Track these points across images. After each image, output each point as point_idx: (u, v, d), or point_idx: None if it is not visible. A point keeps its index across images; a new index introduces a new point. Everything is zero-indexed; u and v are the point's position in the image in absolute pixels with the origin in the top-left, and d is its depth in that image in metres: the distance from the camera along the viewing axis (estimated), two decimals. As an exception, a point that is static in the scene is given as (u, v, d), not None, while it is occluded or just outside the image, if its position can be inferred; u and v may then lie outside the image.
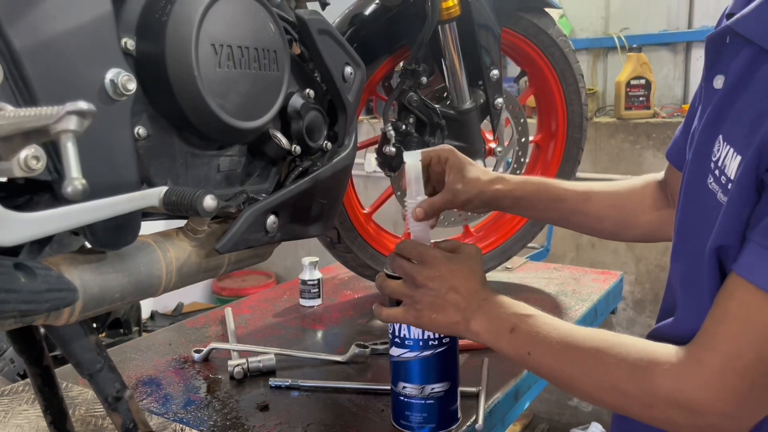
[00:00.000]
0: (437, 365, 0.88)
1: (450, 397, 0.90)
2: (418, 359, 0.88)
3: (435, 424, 0.89)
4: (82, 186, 0.46)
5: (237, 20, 0.75)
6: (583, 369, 0.73)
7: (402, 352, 0.88)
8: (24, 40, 0.58)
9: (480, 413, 0.96)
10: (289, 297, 1.60)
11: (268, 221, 0.84)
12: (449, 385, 0.89)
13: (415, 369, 0.88)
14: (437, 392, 0.88)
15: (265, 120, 0.80)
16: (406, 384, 0.89)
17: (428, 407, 0.88)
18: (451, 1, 1.27)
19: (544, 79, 1.54)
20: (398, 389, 0.90)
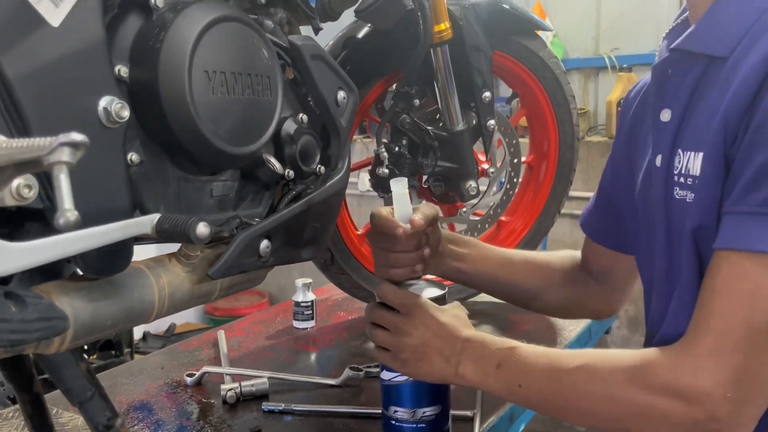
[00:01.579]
0: (428, 388, 0.88)
1: (441, 420, 0.89)
2: (408, 383, 0.87)
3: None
4: (74, 218, 0.46)
5: (230, 47, 0.75)
6: (576, 386, 0.73)
7: (393, 375, 0.88)
8: (16, 68, 0.58)
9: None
10: (282, 319, 1.59)
11: (262, 246, 0.84)
12: (440, 408, 0.89)
13: (406, 392, 0.88)
14: (428, 416, 0.88)
15: (258, 145, 0.80)
16: (397, 408, 0.88)
17: (420, 431, 0.88)
18: (443, 24, 1.28)
19: (536, 101, 1.55)
20: (389, 413, 0.89)
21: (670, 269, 0.76)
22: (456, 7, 1.33)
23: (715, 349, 0.64)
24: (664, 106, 0.76)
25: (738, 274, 0.63)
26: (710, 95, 0.70)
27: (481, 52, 1.37)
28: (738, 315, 0.62)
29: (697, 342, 0.65)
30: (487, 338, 0.82)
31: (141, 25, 0.72)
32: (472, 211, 1.53)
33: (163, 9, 0.73)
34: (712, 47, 0.71)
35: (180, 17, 0.71)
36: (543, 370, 0.76)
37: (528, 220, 1.64)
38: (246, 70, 0.77)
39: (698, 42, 0.72)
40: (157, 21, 0.71)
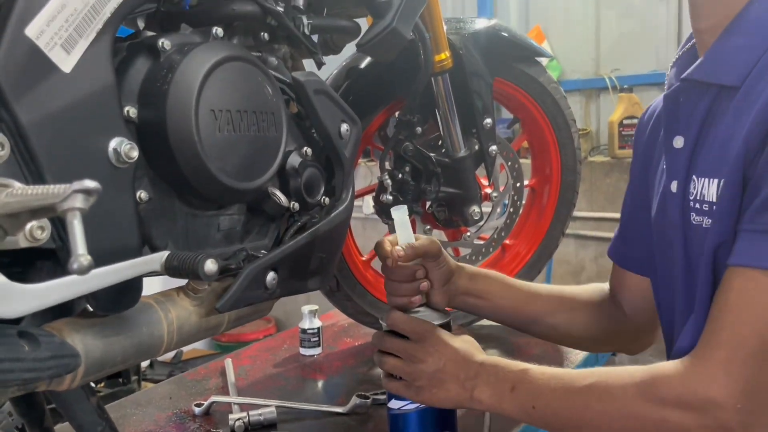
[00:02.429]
0: (437, 415, 0.88)
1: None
2: (418, 410, 0.88)
3: None
4: (87, 262, 0.48)
5: (235, 85, 0.77)
6: (589, 405, 0.74)
7: (402, 404, 0.88)
8: (30, 114, 0.60)
9: None
10: (289, 346, 1.60)
11: (268, 278, 0.85)
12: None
13: (415, 421, 0.88)
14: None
15: (264, 180, 0.82)
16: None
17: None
18: (443, 54, 1.30)
19: (537, 125, 1.57)
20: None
21: (689, 291, 0.77)
22: (456, 36, 1.36)
23: (727, 362, 0.65)
24: (676, 133, 0.79)
25: (751, 289, 0.64)
26: (722, 123, 0.72)
27: (482, 79, 1.39)
28: (750, 328, 0.64)
29: (709, 354, 0.66)
30: (500, 362, 0.83)
31: (149, 67, 0.74)
32: (477, 235, 1.54)
33: (171, 51, 0.75)
34: (724, 77, 0.72)
35: (187, 59, 0.73)
36: (556, 390, 0.77)
37: (532, 243, 1.65)
38: (251, 107, 0.79)
39: (709, 72, 0.74)
40: (164, 63, 0.74)
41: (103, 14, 0.67)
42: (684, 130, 0.77)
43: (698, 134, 0.75)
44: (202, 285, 0.79)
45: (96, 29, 0.66)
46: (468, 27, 1.40)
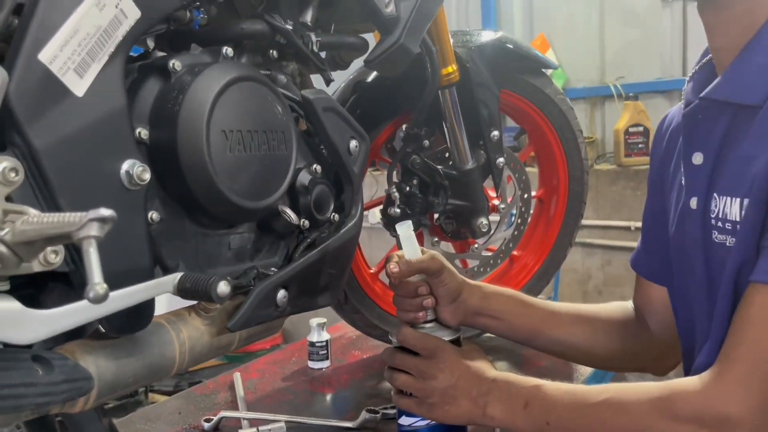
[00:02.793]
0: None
1: None
2: (428, 428, 0.87)
3: None
4: (103, 291, 0.48)
5: (246, 106, 0.78)
6: (604, 421, 0.74)
7: (413, 421, 0.88)
8: (43, 139, 0.61)
9: None
10: (297, 359, 1.59)
11: (279, 296, 0.85)
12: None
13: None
14: None
15: (274, 198, 0.82)
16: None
17: None
18: (450, 67, 1.31)
19: (544, 136, 1.57)
20: None
21: (709, 308, 0.77)
22: (462, 49, 1.36)
23: (745, 378, 0.64)
24: (695, 150, 0.78)
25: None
26: (744, 141, 0.71)
27: (488, 91, 1.39)
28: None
29: (727, 370, 0.66)
30: (512, 377, 0.83)
31: (160, 88, 0.75)
32: (485, 246, 1.53)
33: (181, 72, 0.75)
34: (744, 96, 0.72)
35: (197, 80, 0.74)
36: (569, 406, 0.76)
37: (540, 254, 1.65)
38: (261, 126, 0.79)
39: (728, 92, 0.74)
40: (175, 84, 0.74)
41: (115, 38, 0.67)
42: (703, 147, 0.77)
43: (718, 152, 0.75)
44: (214, 304, 0.79)
45: (108, 52, 0.67)
46: (474, 40, 1.40)
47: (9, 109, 0.58)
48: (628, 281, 2.85)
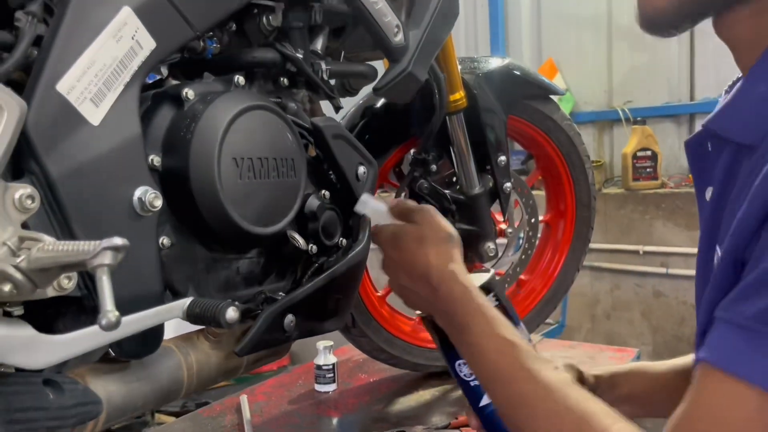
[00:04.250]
0: None
1: None
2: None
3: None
4: (116, 319, 0.49)
5: (256, 133, 0.79)
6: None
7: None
8: (59, 166, 0.62)
9: None
10: (303, 382, 1.59)
11: (286, 321, 0.86)
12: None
13: None
14: None
15: (283, 224, 0.83)
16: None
17: None
18: (458, 94, 1.32)
19: (551, 162, 1.58)
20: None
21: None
22: (470, 75, 1.38)
23: None
24: (707, 184, 0.70)
25: (712, 391, 0.55)
26: (737, 185, 0.62)
27: (496, 117, 1.40)
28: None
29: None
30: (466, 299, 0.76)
31: (173, 116, 0.76)
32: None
33: (194, 100, 0.77)
34: (739, 133, 0.62)
35: (210, 108, 0.75)
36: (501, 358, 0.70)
37: (548, 278, 1.65)
38: (272, 154, 0.80)
39: (725, 125, 0.64)
40: (188, 112, 0.76)
41: (130, 68, 0.69)
42: (713, 181, 0.68)
43: (722, 189, 0.66)
44: (222, 329, 0.80)
45: (124, 82, 0.69)
46: (482, 66, 1.42)
47: (27, 137, 0.60)
48: (637, 305, 2.84)
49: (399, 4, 1.15)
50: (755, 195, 0.55)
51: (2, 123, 0.54)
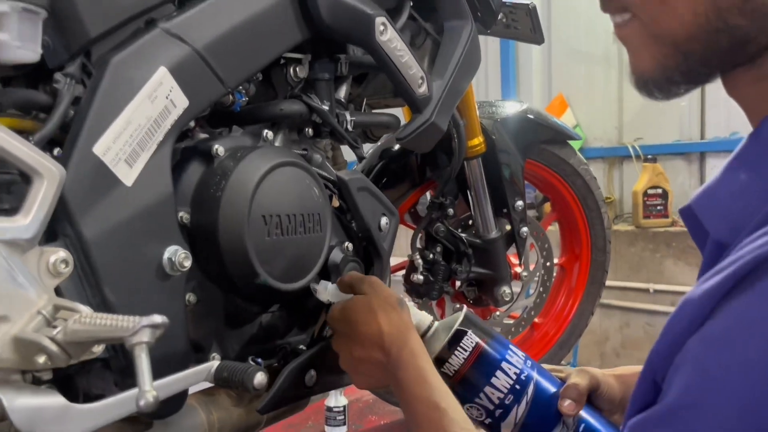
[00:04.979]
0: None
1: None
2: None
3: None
4: (154, 399, 0.48)
5: (285, 190, 0.79)
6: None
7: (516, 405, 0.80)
8: (93, 229, 0.62)
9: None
10: (314, 422, 1.58)
11: (307, 376, 0.85)
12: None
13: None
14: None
15: (308, 279, 0.83)
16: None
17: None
18: (476, 139, 1.33)
19: (567, 205, 1.58)
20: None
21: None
22: (488, 121, 1.39)
23: None
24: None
25: None
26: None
27: (513, 162, 1.41)
28: None
29: None
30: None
31: (203, 173, 0.77)
32: (506, 314, 1.53)
33: (224, 156, 0.77)
34: (713, 226, 0.54)
35: (240, 166, 0.75)
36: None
37: (562, 322, 1.64)
38: (299, 210, 0.80)
39: (703, 211, 0.56)
40: (218, 169, 0.76)
41: (164, 127, 0.69)
42: (704, 251, 0.59)
43: (708, 267, 0.55)
44: (245, 385, 0.79)
45: (157, 141, 0.69)
46: (500, 111, 1.43)
47: (64, 201, 0.60)
48: (647, 344, 2.81)
49: (422, 53, 1.17)
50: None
51: (42, 191, 0.55)
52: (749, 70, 0.55)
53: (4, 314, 0.51)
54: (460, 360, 0.81)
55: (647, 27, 0.55)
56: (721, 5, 0.50)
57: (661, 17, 0.53)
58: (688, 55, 0.54)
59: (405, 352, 0.77)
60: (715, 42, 0.52)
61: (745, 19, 0.50)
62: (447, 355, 0.81)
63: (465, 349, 0.81)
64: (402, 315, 0.81)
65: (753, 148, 0.55)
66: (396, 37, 0.93)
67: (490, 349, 0.83)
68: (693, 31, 0.52)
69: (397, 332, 0.78)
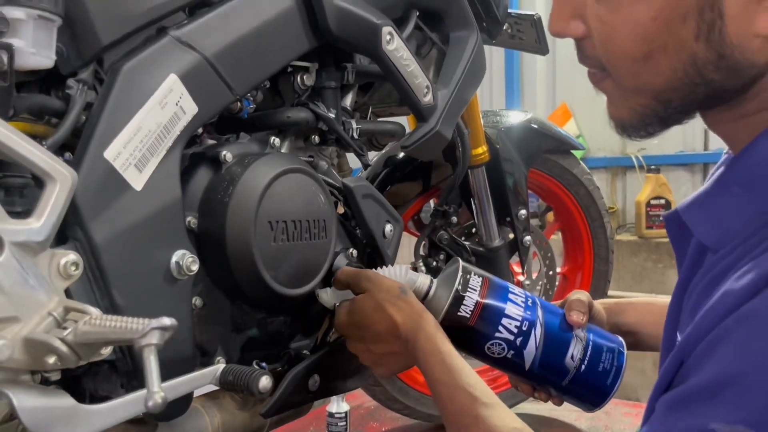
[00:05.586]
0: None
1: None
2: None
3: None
4: (162, 400, 0.49)
5: (291, 197, 0.80)
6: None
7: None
8: (104, 233, 0.63)
9: None
10: (315, 428, 1.58)
11: (311, 381, 0.86)
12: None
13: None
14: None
15: (313, 285, 0.84)
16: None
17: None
18: (480, 148, 1.34)
19: (570, 215, 1.59)
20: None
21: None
22: (492, 130, 1.40)
23: None
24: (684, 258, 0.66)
25: None
26: (697, 287, 0.58)
27: (517, 171, 1.42)
28: None
29: None
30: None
31: (211, 178, 0.78)
32: (508, 323, 1.53)
33: (232, 162, 0.78)
34: (703, 233, 0.58)
35: (247, 172, 0.76)
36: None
37: (563, 331, 1.64)
38: (305, 216, 0.81)
39: (693, 220, 0.60)
40: (225, 175, 0.77)
41: (173, 133, 0.70)
42: (687, 258, 0.64)
43: (689, 273, 0.63)
44: (249, 389, 0.80)
45: (166, 147, 0.70)
46: (504, 121, 1.44)
47: (75, 205, 0.61)
48: (649, 355, 2.80)
49: (428, 62, 1.18)
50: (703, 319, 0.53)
51: (54, 194, 0.56)
52: (726, 111, 0.57)
53: (16, 315, 0.52)
54: (473, 301, 0.84)
55: (624, 83, 0.57)
56: (698, 62, 0.52)
57: (641, 74, 0.55)
58: (666, 103, 0.56)
59: (421, 338, 0.79)
60: (693, 93, 0.54)
61: (720, 74, 0.52)
62: (457, 306, 0.84)
63: (474, 289, 0.85)
64: (409, 300, 0.82)
65: (741, 169, 0.58)
66: (402, 46, 0.94)
67: (495, 283, 0.88)
68: (671, 83, 0.54)
69: (410, 320, 0.80)
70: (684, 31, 0.51)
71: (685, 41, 0.51)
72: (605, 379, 0.85)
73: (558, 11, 0.58)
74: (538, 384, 0.89)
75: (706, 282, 0.56)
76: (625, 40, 0.54)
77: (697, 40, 0.51)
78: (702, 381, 0.50)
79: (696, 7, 0.50)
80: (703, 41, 0.50)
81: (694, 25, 0.50)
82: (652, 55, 0.53)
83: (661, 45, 0.52)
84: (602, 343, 0.86)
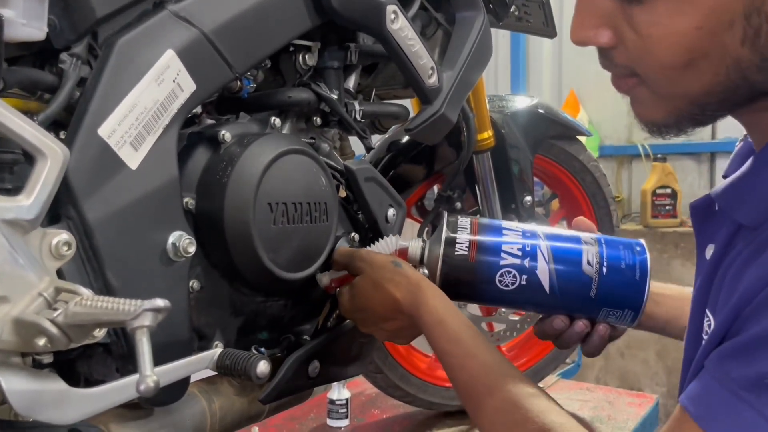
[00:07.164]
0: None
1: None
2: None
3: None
4: (154, 384, 0.47)
5: (292, 178, 0.78)
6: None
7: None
8: (96, 212, 0.61)
9: None
10: (315, 415, 1.57)
11: (311, 367, 0.84)
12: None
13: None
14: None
15: (314, 269, 0.82)
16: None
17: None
18: (486, 133, 1.31)
19: (575, 202, 1.57)
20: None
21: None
22: (498, 115, 1.37)
23: None
24: (709, 241, 0.68)
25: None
26: (735, 261, 0.60)
27: (523, 157, 1.40)
28: None
29: None
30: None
31: (209, 158, 0.76)
32: (511, 310, 1.51)
33: (231, 142, 0.76)
34: (742, 215, 0.60)
35: (246, 152, 0.74)
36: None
37: (567, 319, 1.62)
38: (305, 198, 0.79)
39: (729, 203, 0.62)
40: (224, 155, 0.75)
41: (170, 111, 0.68)
42: (716, 239, 0.66)
43: (722, 252, 0.64)
44: (247, 374, 0.79)
45: (163, 125, 0.68)
46: (510, 106, 1.42)
47: (67, 183, 0.59)
48: (652, 345, 2.79)
49: (433, 43, 1.15)
50: (760, 273, 0.54)
51: (45, 171, 0.54)
52: (761, 103, 0.56)
53: (5, 295, 0.50)
54: (466, 238, 0.82)
55: (660, 90, 0.57)
56: (742, 65, 0.52)
57: (680, 81, 0.55)
58: (704, 106, 0.56)
59: (423, 311, 0.78)
60: (734, 95, 0.55)
61: (763, 75, 0.52)
62: (451, 247, 0.82)
63: (464, 228, 0.84)
64: (405, 273, 0.81)
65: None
66: (407, 26, 0.92)
67: (486, 221, 0.88)
68: (711, 88, 0.54)
69: (409, 293, 0.79)
70: (729, 37, 0.51)
71: (729, 47, 0.51)
72: (633, 275, 0.80)
73: (581, 19, 0.57)
74: (566, 309, 0.83)
75: (750, 251, 0.57)
76: (665, 50, 0.53)
77: (743, 45, 0.51)
78: (760, 331, 0.51)
79: (742, 13, 0.50)
80: (749, 45, 0.51)
81: (741, 31, 0.51)
82: (693, 63, 0.53)
83: (703, 53, 0.53)
84: (616, 241, 0.83)
